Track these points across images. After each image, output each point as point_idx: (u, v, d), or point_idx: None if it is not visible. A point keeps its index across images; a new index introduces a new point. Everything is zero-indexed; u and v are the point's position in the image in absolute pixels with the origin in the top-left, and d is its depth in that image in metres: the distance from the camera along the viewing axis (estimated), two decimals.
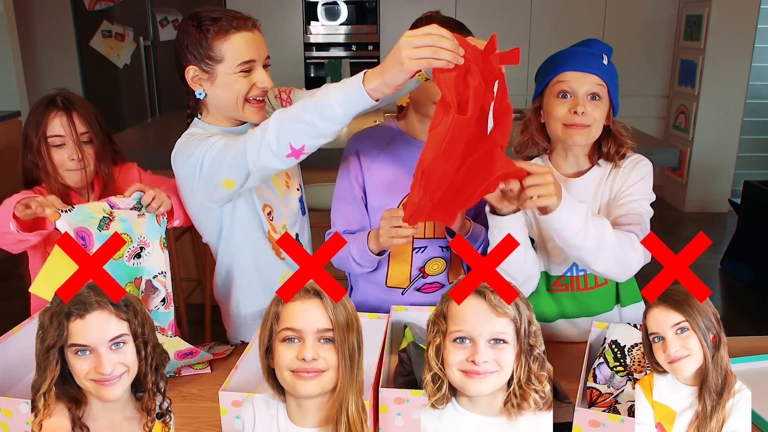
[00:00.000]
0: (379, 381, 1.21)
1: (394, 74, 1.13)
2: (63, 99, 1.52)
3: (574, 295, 1.57)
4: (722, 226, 4.86)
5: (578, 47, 1.50)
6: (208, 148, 1.40)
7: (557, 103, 1.44)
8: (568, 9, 5.13)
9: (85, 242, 1.35)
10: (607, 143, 1.49)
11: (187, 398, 1.34)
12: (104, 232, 1.38)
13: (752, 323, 3.36)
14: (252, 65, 1.43)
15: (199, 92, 1.48)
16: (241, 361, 1.26)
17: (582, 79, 1.42)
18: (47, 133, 1.51)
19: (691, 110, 5.06)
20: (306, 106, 1.22)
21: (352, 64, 5.31)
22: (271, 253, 1.61)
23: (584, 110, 1.41)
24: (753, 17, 4.82)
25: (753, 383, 1.35)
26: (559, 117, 1.44)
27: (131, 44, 5.16)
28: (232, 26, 1.41)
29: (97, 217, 1.37)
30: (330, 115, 1.20)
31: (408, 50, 1.10)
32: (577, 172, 1.53)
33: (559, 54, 1.49)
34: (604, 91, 1.44)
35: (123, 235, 1.41)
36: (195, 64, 1.45)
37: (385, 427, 1.17)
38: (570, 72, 1.43)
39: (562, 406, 1.26)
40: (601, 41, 1.52)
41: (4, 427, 1.14)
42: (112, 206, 1.41)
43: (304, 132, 1.24)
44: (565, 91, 1.44)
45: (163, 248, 1.47)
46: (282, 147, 1.27)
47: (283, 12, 5.14)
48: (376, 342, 1.36)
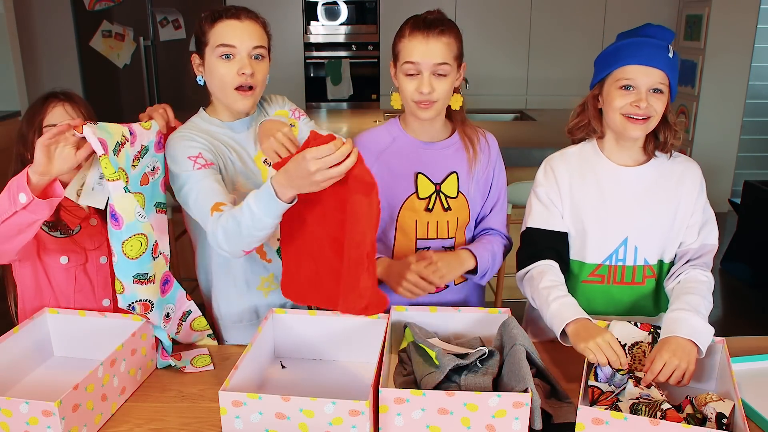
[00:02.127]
0: (379, 381, 1.21)
1: (309, 189, 1.22)
2: (62, 93, 1.53)
3: (607, 290, 1.56)
4: (722, 226, 4.84)
5: (644, 37, 1.47)
6: (185, 191, 1.44)
7: (618, 95, 1.45)
8: (567, 9, 5.13)
9: (106, 150, 1.32)
10: (664, 133, 1.51)
11: (187, 398, 1.34)
12: (114, 158, 1.35)
13: (752, 323, 3.35)
14: (232, 51, 1.47)
15: (199, 78, 1.55)
16: (241, 361, 1.26)
17: (647, 74, 1.43)
18: (44, 122, 1.48)
19: (691, 110, 5.06)
20: (241, 224, 1.29)
21: (352, 64, 5.30)
22: (255, 254, 1.61)
23: (647, 104, 1.42)
24: (753, 17, 4.82)
25: (753, 383, 1.36)
26: (620, 108, 1.45)
27: (131, 44, 5.15)
28: (222, 14, 1.49)
29: (114, 139, 1.34)
30: (263, 226, 1.28)
31: (323, 173, 1.17)
32: (629, 161, 1.54)
33: (625, 44, 1.47)
34: (666, 84, 1.44)
35: (121, 171, 1.38)
36: (196, 52, 1.54)
37: (385, 427, 1.17)
38: (635, 66, 1.43)
39: (563, 406, 1.26)
40: (665, 28, 1.50)
41: (4, 427, 1.14)
42: (131, 132, 1.40)
43: (249, 242, 1.34)
44: (629, 84, 1.44)
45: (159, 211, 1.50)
46: (236, 253, 1.38)
47: (283, 12, 5.14)
48: (376, 342, 1.36)
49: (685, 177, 1.55)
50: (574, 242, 1.56)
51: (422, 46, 1.46)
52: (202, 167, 1.44)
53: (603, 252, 1.54)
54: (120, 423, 1.27)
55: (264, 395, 1.15)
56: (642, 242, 1.53)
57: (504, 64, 5.19)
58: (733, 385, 1.22)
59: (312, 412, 1.14)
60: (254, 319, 1.66)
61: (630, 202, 1.52)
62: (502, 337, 1.37)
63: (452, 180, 1.60)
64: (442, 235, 1.62)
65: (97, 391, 1.22)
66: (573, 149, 1.60)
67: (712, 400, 1.21)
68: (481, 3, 5.13)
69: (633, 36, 1.48)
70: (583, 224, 1.54)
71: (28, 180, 1.27)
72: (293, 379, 1.41)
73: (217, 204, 1.38)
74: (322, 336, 1.47)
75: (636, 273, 1.54)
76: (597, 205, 1.53)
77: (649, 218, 1.52)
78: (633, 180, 1.53)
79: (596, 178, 1.54)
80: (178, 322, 1.49)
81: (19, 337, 1.39)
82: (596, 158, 1.55)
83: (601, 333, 1.30)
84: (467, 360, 1.27)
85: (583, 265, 1.56)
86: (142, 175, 1.44)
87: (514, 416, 1.14)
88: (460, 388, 1.25)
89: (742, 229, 3.97)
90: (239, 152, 1.56)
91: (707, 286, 1.47)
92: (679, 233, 1.54)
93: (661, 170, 1.54)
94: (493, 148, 1.67)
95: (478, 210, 1.67)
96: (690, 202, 1.54)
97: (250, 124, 1.60)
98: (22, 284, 1.54)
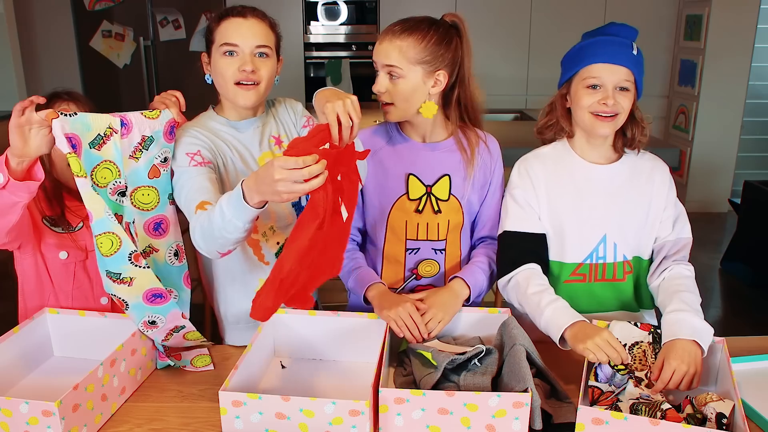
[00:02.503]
0: (379, 381, 1.21)
1: (272, 198, 1.18)
2: (66, 93, 1.53)
3: (589, 288, 1.57)
4: (722, 226, 4.86)
5: (607, 36, 1.49)
6: (178, 187, 1.43)
7: (585, 93, 1.47)
8: (567, 9, 5.13)
9: (75, 150, 1.24)
10: (632, 130, 1.53)
11: (187, 398, 1.34)
12: (93, 151, 1.28)
13: (752, 323, 3.35)
14: (235, 48, 1.47)
15: (207, 77, 1.55)
16: (241, 361, 1.26)
17: (612, 72, 1.45)
18: None
19: (691, 110, 5.05)
20: (213, 224, 1.27)
21: (352, 64, 5.30)
22: (253, 257, 1.61)
23: (613, 101, 1.44)
24: (753, 17, 4.81)
25: (753, 383, 1.36)
26: (588, 106, 1.47)
27: (131, 44, 5.15)
28: (228, 13, 1.49)
29: (95, 132, 1.28)
30: (233, 228, 1.25)
31: (285, 184, 1.11)
32: (600, 159, 1.56)
33: (589, 43, 1.49)
34: (632, 81, 1.46)
35: (108, 163, 1.32)
36: (205, 51, 1.55)
37: (385, 427, 1.18)
38: (600, 64, 1.45)
39: (563, 406, 1.26)
40: (627, 25, 1.52)
41: (4, 427, 1.14)
42: (124, 123, 1.34)
43: (221, 244, 1.32)
44: (595, 83, 1.46)
45: (172, 203, 1.46)
46: (212, 254, 1.37)
47: (283, 12, 5.13)
48: (376, 342, 1.36)
49: (654, 173, 1.58)
50: (553, 243, 1.57)
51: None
52: (198, 165, 1.44)
53: (583, 251, 1.56)
54: (120, 423, 1.27)
55: (264, 395, 1.15)
56: (620, 239, 1.55)
57: (504, 64, 5.19)
58: (732, 384, 1.22)
59: (312, 412, 1.14)
60: (254, 321, 1.65)
61: (605, 199, 1.54)
62: (502, 337, 1.37)
63: (444, 183, 1.59)
64: (432, 237, 1.62)
65: (97, 391, 1.22)
66: (546, 149, 1.62)
67: (712, 400, 1.21)
68: (481, 3, 5.13)
69: (597, 35, 1.50)
70: (561, 224, 1.55)
71: (7, 161, 1.25)
72: (293, 379, 1.41)
73: (202, 203, 1.36)
74: (323, 336, 1.47)
75: (617, 269, 1.56)
76: (574, 204, 1.55)
77: (624, 214, 1.55)
78: (607, 177, 1.55)
79: (571, 177, 1.56)
80: (168, 332, 1.43)
81: (19, 337, 1.39)
82: (569, 157, 1.57)
83: (599, 332, 1.30)
84: (464, 357, 1.27)
85: (564, 265, 1.57)
86: (150, 167, 1.40)
87: (514, 416, 1.14)
88: (459, 388, 1.25)
89: (742, 229, 3.97)
90: (242, 152, 1.55)
91: (693, 281, 1.50)
92: (653, 228, 1.56)
93: (632, 167, 1.57)
94: (494, 153, 1.66)
95: (475, 214, 1.67)
96: (662, 197, 1.56)
97: (256, 125, 1.59)
98: (22, 275, 1.55)
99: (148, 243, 1.43)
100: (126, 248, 1.27)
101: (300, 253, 1.18)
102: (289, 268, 1.18)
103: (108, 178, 1.33)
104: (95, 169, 1.30)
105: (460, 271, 1.60)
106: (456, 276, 1.57)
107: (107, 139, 1.30)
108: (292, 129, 1.65)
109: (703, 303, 1.46)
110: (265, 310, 1.23)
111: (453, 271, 1.63)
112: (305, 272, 1.24)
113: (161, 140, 1.41)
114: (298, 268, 1.20)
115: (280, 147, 1.61)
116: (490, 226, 1.67)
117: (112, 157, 1.32)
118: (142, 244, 1.41)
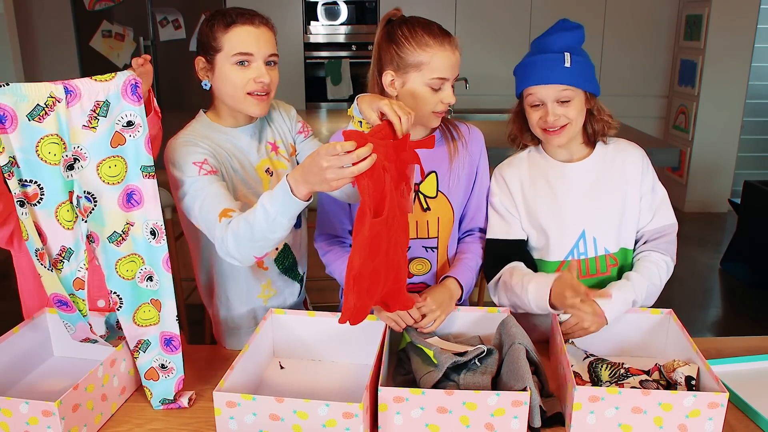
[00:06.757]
0: (377, 382, 1.20)
1: (320, 188, 1.19)
2: None
3: None
4: (722, 226, 4.86)
5: (539, 54, 1.51)
6: (189, 198, 1.39)
7: (531, 111, 1.54)
8: (568, 9, 5.13)
9: (3, 123, 1.15)
10: (592, 126, 1.57)
11: None
12: (33, 124, 1.18)
13: (752, 323, 3.35)
14: (249, 58, 1.44)
15: (205, 83, 1.50)
16: (237, 362, 1.26)
17: (547, 90, 1.49)
18: None
19: (691, 110, 5.06)
20: (254, 226, 1.25)
21: (352, 64, 5.30)
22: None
23: (555, 117, 1.49)
24: (753, 17, 4.81)
25: (753, 383, 1.36)
26: (536, 123, 1.53)
27: (131, 44, 5.15)
28: (236, 19, 1.44)
29: (32, 102, 1.17)
30: (278, 227, 1.25)
31: (334, 172, 1.13)
32: (572, 157, 1.60)
33: (522, 65, 1.55)
34: (571, 91, 1.49)
35: (52, 136, 1.20)
36: (202, 55, 1.48)
37: (385, 427, 1.18)
38: (535, 86, 1.50)
39: (549, 401, 1.27)
40: (566, 30, 1.54)
41: (4, 427, 1.14)
42: (69, 91, 1.20)
43: (261, 246, 1.30)
44: (535, 102, 1.51)
45: (147, 177, 1.29)
46: (247, 260, 1.34)
47: (283, 12, 5.14)
48: (375, 343, 1.36)
49: (626, 162, 1.59)
50: (536, 243, 1.61)
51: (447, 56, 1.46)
52: (208, 173, 1.40)
53: (564, 248, 1.58)
54: (120, 423, 1.27)
55: (257, 396, 1.14)
56: (599, 233, 1.57)
57: (504, 65, 5.19)
58: (694, 349, 1.29)
59: (306, 413, 1.13)
60: (253, 326, 1.63)
61: (580, 195, 1.57)
62: (501, 335, 1.37)
63: (431, 180, 1.59)
64: (422, 235, 1.60)
65: (97, 391, 1.22)
66: (521, 155, 1.66)
67: (679, 366, 1.29)
68: (481, 3, 5.13)
69: (533, 51, 1.55)
70: (541, 225, 1.58)
71: None
72: (292, 380, 1.41)
73: (225, 210, 1.34)
74: (322, 337, 1.47)
75: (600, 263, 1.58)
76: (550, 204, 1.58)
77: (601, 208, 1.57)
78: (580, 174, 1.58)
79: (545, 179, 1.60)
80: (84, 339, 1.38)
81: (19, 337, 1.39)
82: (542, 160, 1.62)
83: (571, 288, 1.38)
84: (465, 358, 1.27)
85: (547, 263, 1.59)
86: (112, 134, 1.25)
87: (513, 415, 1.15)
88: (459, 387, 1.25)
89: (742, 229, 3.97)
90: (241, 160, 1.53)
91: (657, 266, 1.54)
92: (632, 218, 1.58)
93: (604, 160, 1.60)
94: (478, 143, 1.64)
95: (462, 207, 1.66)
96: (636, 185, 1.58)
97: (253, 132, 1.56)
98: (21, 273, 1.54)
99: (126, 219, 1.30)
100: (32, 244, 1.22)
101: (364, 243, 1.17)
102: (361, 263, 1.18)
103: (57, 154, 1.21)
104: (39, 143, 1.19)
105: (453, 269, 1.60)
106: (449, 275, 1.57)
107: (50, 109, 1.18)
108: (287, 134, 1.64)
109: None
110: (350, 312, 1.22)
111: (444, 268, 1.63)
112: (383, 268, 1.24)
113: (121, 103, 1.24)
114: (371, 263, 1.19)
115: (277, 153, 1.60)
116: (477, 218, 1.66)
117: (57, 130, 1.20)
118: (120, 222, 1.30)
